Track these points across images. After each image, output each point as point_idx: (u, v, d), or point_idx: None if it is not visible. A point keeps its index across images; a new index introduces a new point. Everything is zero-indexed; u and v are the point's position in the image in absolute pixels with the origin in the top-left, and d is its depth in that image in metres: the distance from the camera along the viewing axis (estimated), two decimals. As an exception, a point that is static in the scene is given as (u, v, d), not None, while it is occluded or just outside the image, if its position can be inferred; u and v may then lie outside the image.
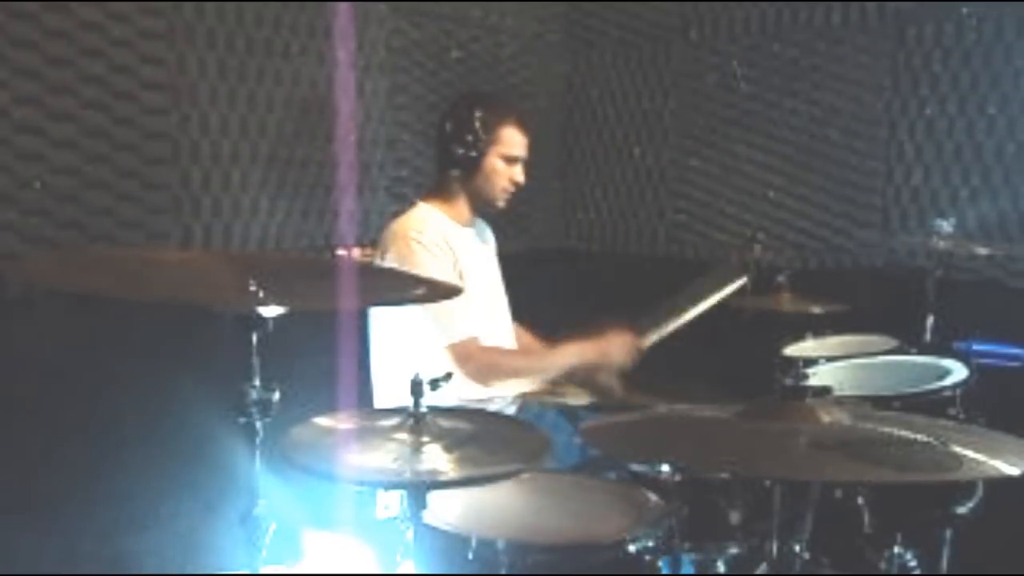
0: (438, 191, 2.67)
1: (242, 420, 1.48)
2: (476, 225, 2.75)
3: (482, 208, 2.69)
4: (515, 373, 2.59)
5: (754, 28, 3.81)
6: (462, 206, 2.65)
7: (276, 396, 1.48)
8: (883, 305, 2.82)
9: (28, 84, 2.58)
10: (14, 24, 2.54)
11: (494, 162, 2.58)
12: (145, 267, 1.60)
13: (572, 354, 2.61)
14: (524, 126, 2.63)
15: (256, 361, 1.47)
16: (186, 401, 2.55)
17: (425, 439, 1.57)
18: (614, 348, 2.62)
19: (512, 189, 2.64)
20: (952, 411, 2.18)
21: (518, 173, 2.62)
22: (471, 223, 2.70)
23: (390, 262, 2.52)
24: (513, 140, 2.59)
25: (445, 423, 1.63)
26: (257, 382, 1.47)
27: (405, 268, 2.47)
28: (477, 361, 2.49)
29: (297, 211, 3.26)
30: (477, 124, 2.56)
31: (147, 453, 2.68)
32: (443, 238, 2.56)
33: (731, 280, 2.82)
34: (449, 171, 2.61)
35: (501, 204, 2.66)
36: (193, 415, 2.42)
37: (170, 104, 2.90)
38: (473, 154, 2.57)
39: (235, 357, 1.48)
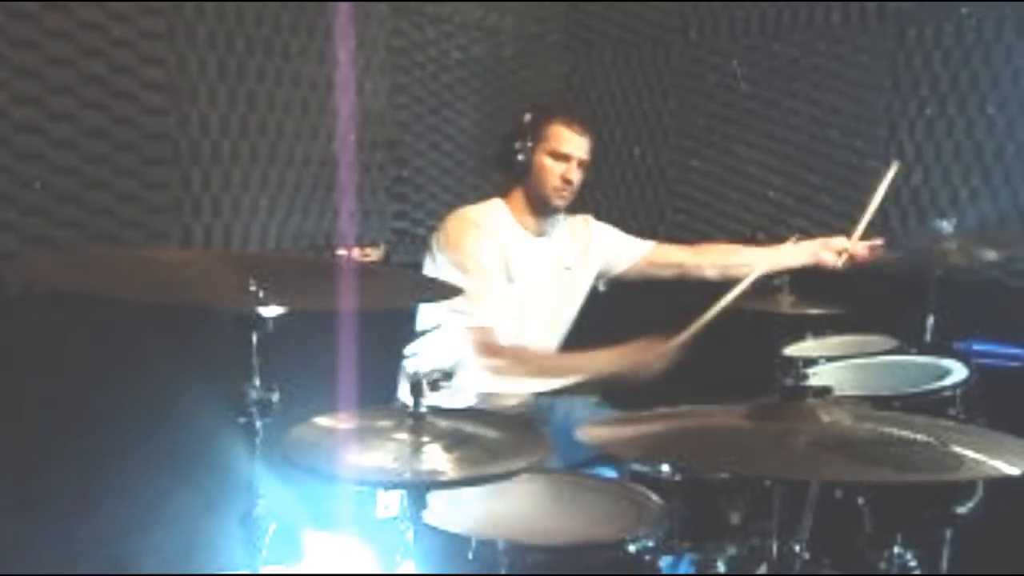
0: (507, 197, 2.70)
1: (242, 420, 1.48)
2: (552, 234, 2.73)
3: (542, 210, 2.68)
4: (534, 371, 2.55)
5: (754, 28, 3.81)
6: (527, 213, 2.67)
7: (276, 396, 1.48)
8: (883, 305, 2.82)
9: (28, 84, 2.58)
10: (14, 24, 2.55)
11: (542, 159, 2.60)
12: (145, 267, 1.60)
13: (602, 362, 2.51)
14: (575, 124, 2.63)
15: (256, 361, 1.47)
16: (186, 401, 2.55)
17: (425, 439, 1.57)
18: (644, 358, 2.48)
19: (564, 187, 2.62)
20: (952, 411, 2.18)
21: (569, 171, 2.61)
22: (541, 232, 2.70)
23: (441, 239, 2.57)
24: (560, 136, 2.60)
25: (445, 423, 1.63)
26: (257, 382, 1.47)
27: (452, 245, 2.53)
28: (495, 351, 2.48)
29: (297, 211, 3.26)
30: (525, 125, 2.61)
31: (147, 453, 2.68)
32: (499, 231, 2.59)
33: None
34: (509, 177, 2.63)
35: (558, 203, 2.65)
36: (193, 415, 2.42)
37: (170, 104, 2.90)
38: (523, 154, 2.60)
39: (235, 357, 1.48)
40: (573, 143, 2.62)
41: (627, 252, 2.92)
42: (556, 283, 2.75)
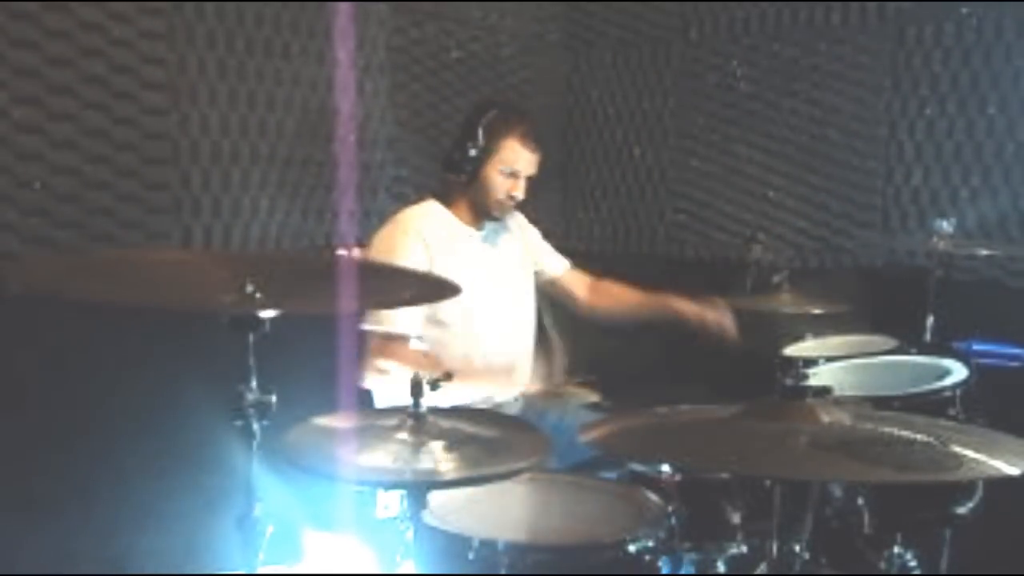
0: (442, 191, 2.67)
1: (239, 423, 1.47)
2: (487, 226, 2.72)
3: (481, 215, 2.67)
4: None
5: (754, 28, 3.81)
6: (464, 208, 2.65)
7: (273, 399, 1.47)
8: (883, 305, 2.82)
9: (28, 84, 2.58)
10: (14, 24, 2.55)
11: (491, 172, 2.55)
12: (142, 269, 1.60)
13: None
14: (531, 142, 2.58)
15: (253, 363, 1.46)
16: (186, 401, 2.55)
17: (425, 439, 1.57)
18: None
19: (509, 204, 2.61)
20: (952, 411, 2.18)
21: (516, 187, 2.58)
22: (480, 224, 2.69)
23: (370, 246, 2.58)
24: (515, 155, 2.55)
25: (445, 423, 1.63)
26: (254, 384, 1.46)
27: (375, 253, 2.54)
28: (389, 357, 2.46)
29: (297, 211, 3.26)
30: (479, 133, 2.54)
31: (147, 453, 2.68)
32: (434, 235, 2.56)
33: None
34: (447, 174, 2.60)
35: (497, 216, 2.64)
36: (193, 415, 2.42)
37: (170, 104, 2.90)
38: (471, 162, 2.54)
39: (235, 357, 1.48)
40: (526, 161, 2.58)
41: (547, 262, 2.91)
42: (502, 278, 2.73)
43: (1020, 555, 2.58)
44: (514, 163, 2.56)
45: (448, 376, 1.70)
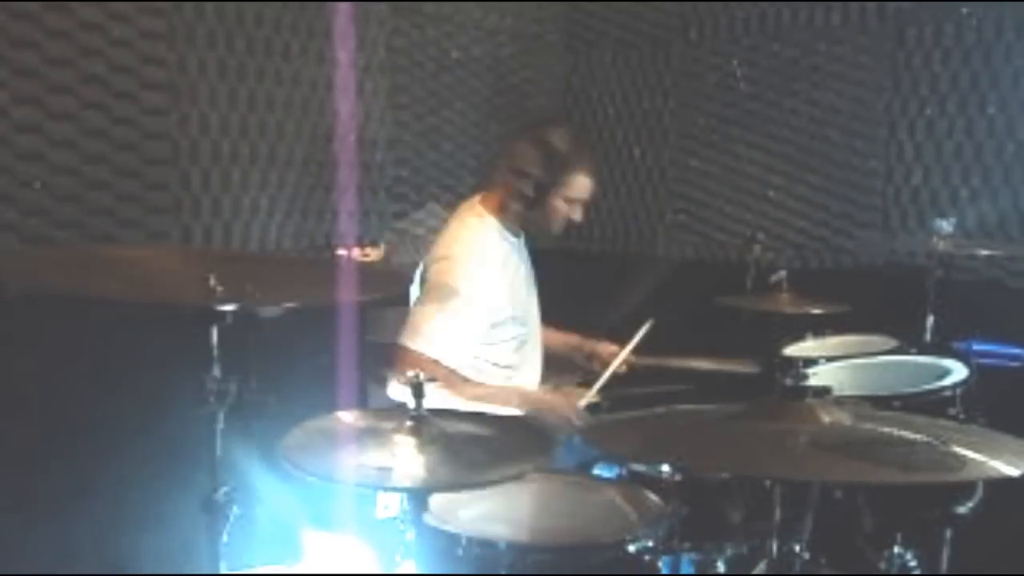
0: (496, 202, 2.62)
1: (204, 409, 1.47)
2: (522, 235, 2.73)
3: (530, 229, 2.67)
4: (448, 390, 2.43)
5: (754, 28, 3.82)
6: (514, 221, 2.62)
7: (234, 387, 1.47)
8: (883, 305, 2.82)
9: (28, 84, 2.59)
10: (14, 24, 2.55)
11: (557, 202, 2.55)
12: (112, 265, 1.60)
13: (513, 401, 2.50)
14: (591, 168, 2.59)
15: (217, 354, 1.46)
16: (185, 401, 2.54)
17: (425, 440, 1.57)
18: (554, 409, 2.50)
19: (566, 226, 2.62)
20: (952, 411, 2.18)
21: (577, 212, 2.59)
22: (518, 232, 2.68)
23: (445, 265, 2.48)
24: (581, 185, 2.55)
25: (446, 425, 1.63)
26: (217, 372, 1.46)
27: (456, 276, 2.45)
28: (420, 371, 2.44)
29: (297, 211, 3.26)
30: (550, 165, 2.51)
31: (147, 453, 2.68)
32: (496, 254, 2.56)
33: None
34: (510, 194, 2.56)
35: (554, 233, 2.64)
36: (192, 415, 2.42)
37: (170, 104, 2.90)
38: (538, 191, 2.53)
39: (234, 357, 1.48)
40: (588, 189, 2.59)
41: None
42: (530, 278, 2.74)
43: (1020, 555, 2.58)
44: (579, 192, 2.56)
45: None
